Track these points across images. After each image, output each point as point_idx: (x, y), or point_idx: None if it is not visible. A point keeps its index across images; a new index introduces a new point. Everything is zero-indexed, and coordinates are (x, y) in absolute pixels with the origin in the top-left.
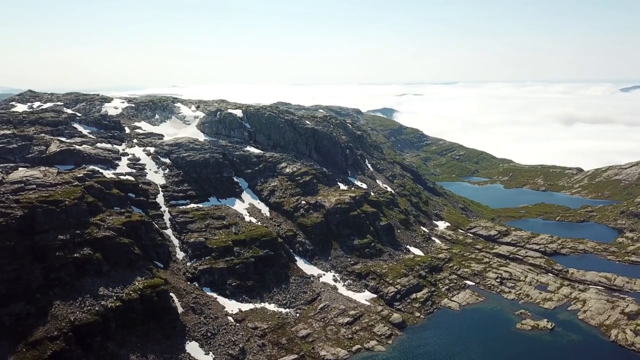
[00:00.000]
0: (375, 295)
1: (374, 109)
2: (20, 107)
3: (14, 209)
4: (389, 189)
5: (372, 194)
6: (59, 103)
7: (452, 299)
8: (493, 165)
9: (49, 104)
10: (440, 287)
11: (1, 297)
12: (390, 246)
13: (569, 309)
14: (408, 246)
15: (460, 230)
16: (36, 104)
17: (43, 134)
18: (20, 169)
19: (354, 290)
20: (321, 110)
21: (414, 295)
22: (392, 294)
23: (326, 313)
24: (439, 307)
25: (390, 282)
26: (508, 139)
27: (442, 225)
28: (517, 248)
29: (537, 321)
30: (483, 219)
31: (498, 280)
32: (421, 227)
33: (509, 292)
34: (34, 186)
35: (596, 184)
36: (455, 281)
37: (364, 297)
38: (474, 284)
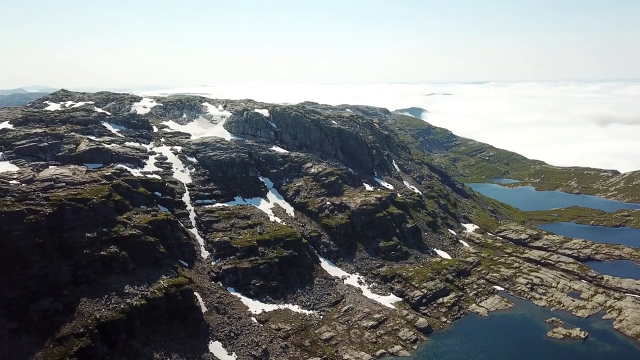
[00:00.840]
0: (400, 299)
1: (402, 109)
2: (53, 106)
3: (44, 207)
4: (416, 191)
5: (398, 195)
6: (90, 102)
7: (480, 304)
8: (524, 167)
9: (80, 103)
10: (468, 291)
11: (31, 293)
12: (417, 249)
13: (603, 317)
14: (435, 249)
15: (489, 234)
16: (68, 103)
17: (73, 133)
18: (50, 167)
19: (378, 293)
20: (348, 110)
21: (440, 300)
22: (418, 297)
23: (350, 316)
24: (466, 312)
25: (416, 285)
26: (540, 139)
27: (470, 228)
28: (549, 253)
29: (569, 330)
30: (513, 222)
31: (528, 286)
32: (449, 229)
33: (540, 298)
34: (64, 184)
35: (633, 187)
36: (483, 286)
37: (389, 300)
38: (503, 289)
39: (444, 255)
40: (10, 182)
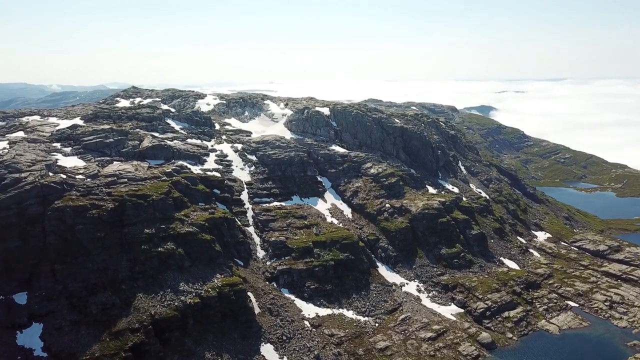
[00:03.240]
0: (462, 310)
1: (470, 107)
2: (123, 103)
3: (106, 202)
4: (484, 194)
5: (464, 199)
6: (157, 99)
7: (551, 321)
8: (604, 171)
9: (148, 100)
10: (538, 306)
11: (91, 286)
12: (482, 257)
13: None
14: (502, 258)
15: (562, 243)
16: (137, 100)
17: (138, 129)
18: (114, 162)
19: (438, 303)
20: (414, 108)
21: (506, 314)
22: (481, 310)
23: (407, 325)
24: (534, 329)
25: (480, 297)
26: (622, 141)
27: (541, 236)
28: (632, 267)
29: None
30: (590, 231)
31: (607, 303)
32: (518, 237)
33: (620, 318)
34: (126, 180)
35: None
36: (555, 301)
37: (449, 311)
38: (577, 305)
39: (512, 265)
40: (77, 176)
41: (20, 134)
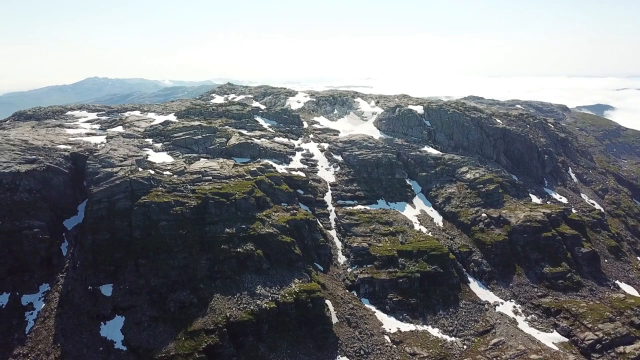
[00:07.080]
0: (566, 340)
1: (581, 105)
2: (217, 99)
3: (190, 199)
4: (597, 207)
5: (573, 211)
6: (249, 96)
7: None
8: None
9: (241, 97)
10: None
11: (171, 283)
12: (593, 279)
13: None
14: (617, 282)
15: None
16: (231, 96)
17: (227, 126)
18: (201, 159)
19: (538, 329)
20: (519, 106)
21: (621, 349)
22: (590, 341)
23: (500, 351)
24: None
25: (589, 326)
26: None
27: None
28: None
29: None
30: None
31: None
32: (638, 258)
33: None
34: (210, 177)
35: None
36: None
37: (550, 339)
38: None
39: (630, 290)
40: (164, 172)
41: (119, 128)
